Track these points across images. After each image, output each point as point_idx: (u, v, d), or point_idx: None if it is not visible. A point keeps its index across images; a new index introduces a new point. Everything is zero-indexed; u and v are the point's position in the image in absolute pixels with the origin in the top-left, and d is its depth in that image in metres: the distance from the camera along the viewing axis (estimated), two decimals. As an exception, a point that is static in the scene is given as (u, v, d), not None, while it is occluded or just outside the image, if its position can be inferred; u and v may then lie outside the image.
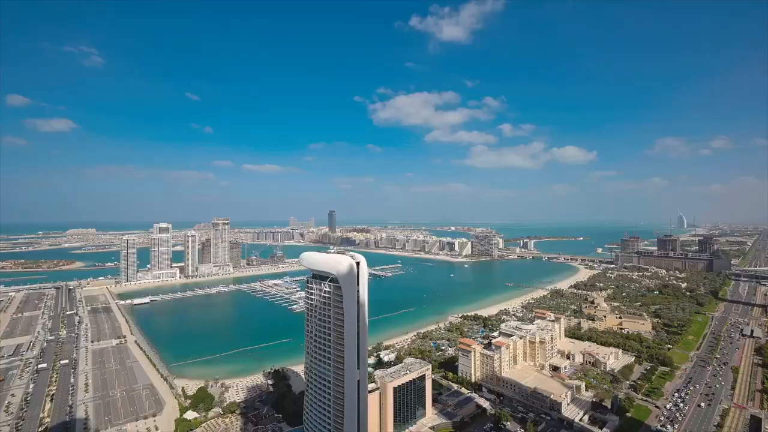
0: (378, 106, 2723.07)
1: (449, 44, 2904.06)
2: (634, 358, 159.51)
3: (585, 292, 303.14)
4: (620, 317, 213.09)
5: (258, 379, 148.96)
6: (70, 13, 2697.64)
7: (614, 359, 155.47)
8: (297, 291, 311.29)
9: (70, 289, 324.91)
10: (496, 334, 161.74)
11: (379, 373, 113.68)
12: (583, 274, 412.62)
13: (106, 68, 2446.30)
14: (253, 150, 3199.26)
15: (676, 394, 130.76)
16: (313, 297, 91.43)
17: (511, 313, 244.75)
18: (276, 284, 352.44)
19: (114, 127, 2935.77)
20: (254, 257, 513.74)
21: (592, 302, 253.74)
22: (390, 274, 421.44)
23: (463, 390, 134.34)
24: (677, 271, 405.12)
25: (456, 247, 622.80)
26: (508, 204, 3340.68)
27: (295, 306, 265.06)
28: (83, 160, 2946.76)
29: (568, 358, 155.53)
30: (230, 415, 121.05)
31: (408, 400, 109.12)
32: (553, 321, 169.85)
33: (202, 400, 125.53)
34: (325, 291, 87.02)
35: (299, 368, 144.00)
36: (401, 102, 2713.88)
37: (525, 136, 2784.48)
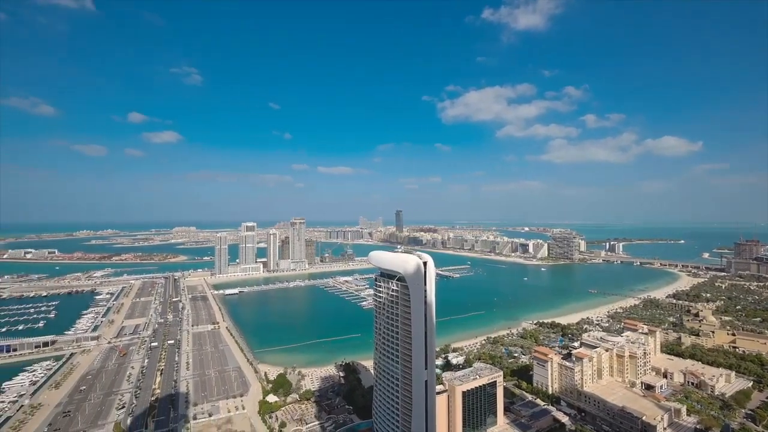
0: (447, 104, 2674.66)
1: (525, 33, 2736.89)
2: (751, 383, 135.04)
3: (687, 303, 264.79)
4: (733, 334, 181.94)
5: (330, 370, 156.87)
6: (176, 38, 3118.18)
7: (725, 382, 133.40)
8: (366, 288, 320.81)
9: (175, 279, 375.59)
10: (576, 344, 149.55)
11: (447, 375, 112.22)
12: (685, 283, 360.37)
13: (204, 85, 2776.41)
14: (326, 153, 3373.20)
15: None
16: (381, 295, 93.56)
17: (595, 322, 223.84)
18: (346, 281, 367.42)
19: (210, 137, 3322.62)
20: (327, 255, 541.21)
21: (697, 315, 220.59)
22: (458, 275, 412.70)
23: (539, 401, 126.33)
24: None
25: (530, 249, 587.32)
26: (590, 203, 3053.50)
27: (364, 303, 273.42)
28: (186, 167, 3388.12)
29: (665, 376, 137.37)
30: (306, 402, 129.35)
31: (478, 406, 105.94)
32: (646, 334, 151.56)
33: (281, 385, 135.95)
34: (392, 289, 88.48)
35: (368, 363, 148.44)
36: (471, 98, 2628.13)
37: (612, 127, 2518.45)
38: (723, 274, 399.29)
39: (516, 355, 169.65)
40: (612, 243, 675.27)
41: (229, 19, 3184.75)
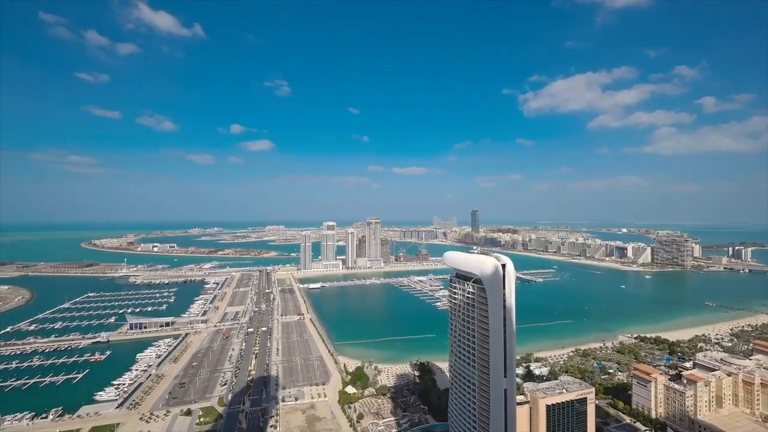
0: (529, 96, 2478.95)
1: (624, 10, 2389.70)
2: None
3: None
4: None
5: (405, 368, 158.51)
6: (269, 55, 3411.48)
7: None
8: (440, 289, 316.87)
9: (267, 273, 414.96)
10: (688, 365, 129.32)
11: (529, 386, 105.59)
12: None
13: (293, 96, 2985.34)
14: (401, 155, 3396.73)
15: None
16: (456, 296, 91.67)
17: (713, 341, 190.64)
18: (421, 281, 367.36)
19: (298, 143, 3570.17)
20: (401, 254, 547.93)
21: None
22: (541, 280, 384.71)
23: (639, 425, 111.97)
24: None
25: (629, 253, 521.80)
26: (706, 200, 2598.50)
27: (438, 303, 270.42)
28: (277, 171, 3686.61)
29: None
30: (382, 396, 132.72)
31: (564, 423, 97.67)
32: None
33: (359, 378, 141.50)
34: (468, 292, 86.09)
35: (443, 365, 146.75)
36: (558, 87, 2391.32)
37: (738, 110, 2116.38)
38: None
39: (611, 371, 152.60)
40: (737, 248, 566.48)
41: (313, 31, 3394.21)
